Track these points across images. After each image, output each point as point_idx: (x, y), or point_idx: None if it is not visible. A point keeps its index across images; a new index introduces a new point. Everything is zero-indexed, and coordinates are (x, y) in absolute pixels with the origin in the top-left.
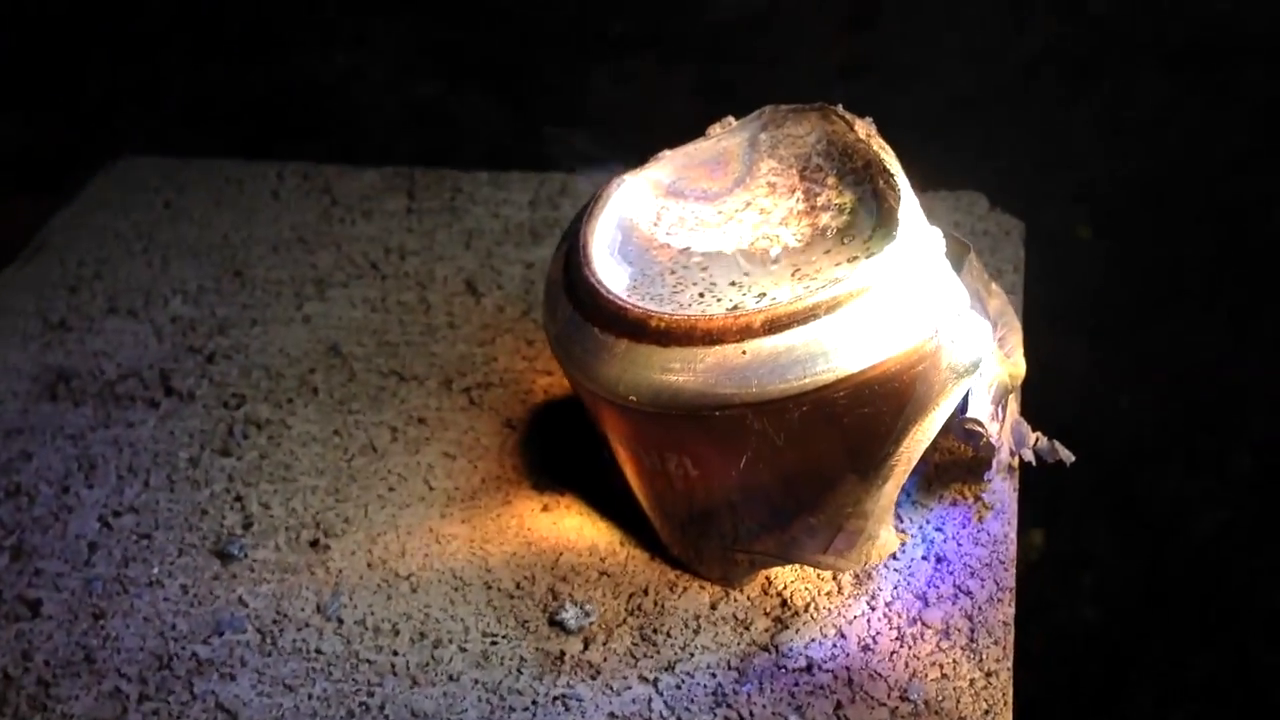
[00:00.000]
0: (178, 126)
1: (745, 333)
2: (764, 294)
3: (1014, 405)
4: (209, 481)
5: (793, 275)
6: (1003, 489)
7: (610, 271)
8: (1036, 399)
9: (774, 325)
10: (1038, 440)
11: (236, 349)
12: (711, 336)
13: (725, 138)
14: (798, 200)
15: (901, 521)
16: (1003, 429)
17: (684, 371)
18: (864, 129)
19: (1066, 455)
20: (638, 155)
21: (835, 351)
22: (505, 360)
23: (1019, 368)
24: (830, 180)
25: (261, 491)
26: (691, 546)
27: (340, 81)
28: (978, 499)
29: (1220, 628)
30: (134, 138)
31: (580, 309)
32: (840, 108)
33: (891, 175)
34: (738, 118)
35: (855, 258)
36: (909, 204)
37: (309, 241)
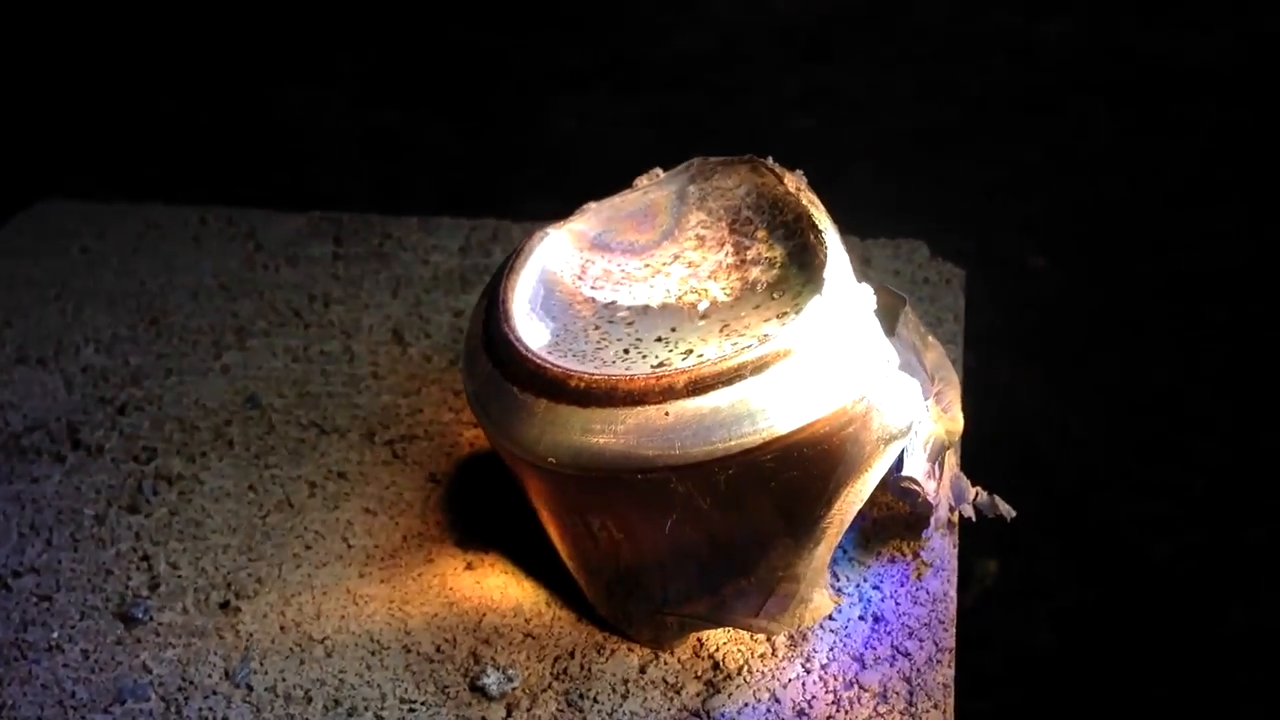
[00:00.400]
0: (101, 170)
1: (668, 393)
2: (690, 350)
3: (952, 460)
4: (115, 540)
5: (721, 331)
6: (942, 546)
7: (531, 328)
8: (988, 429)
9: (698, 386)
10: (977, 495)
11: (149, 400)
12: (634, 397)
13: (653, 190)
14: (727, 254)
15: (837, 579)
16: (940, 485)
17: (605, 433)
18: (794, 182)
19: (1007, 510)
20: (594, 189)
21: (762, 413)
22: (431, 412)
23: (956, 423)
24: (760, 234)
25: (170, 550)
26: (619, 608)
27: (289, 117)
28: (916, 556)
29: (1176, 653)
30: (55, 181)
31: (499, 366)
32: (770, 160)
33: (820, 230)
34: (666, 169)
35: (785, 314)
36: (837, 260)
37: (230, 289)
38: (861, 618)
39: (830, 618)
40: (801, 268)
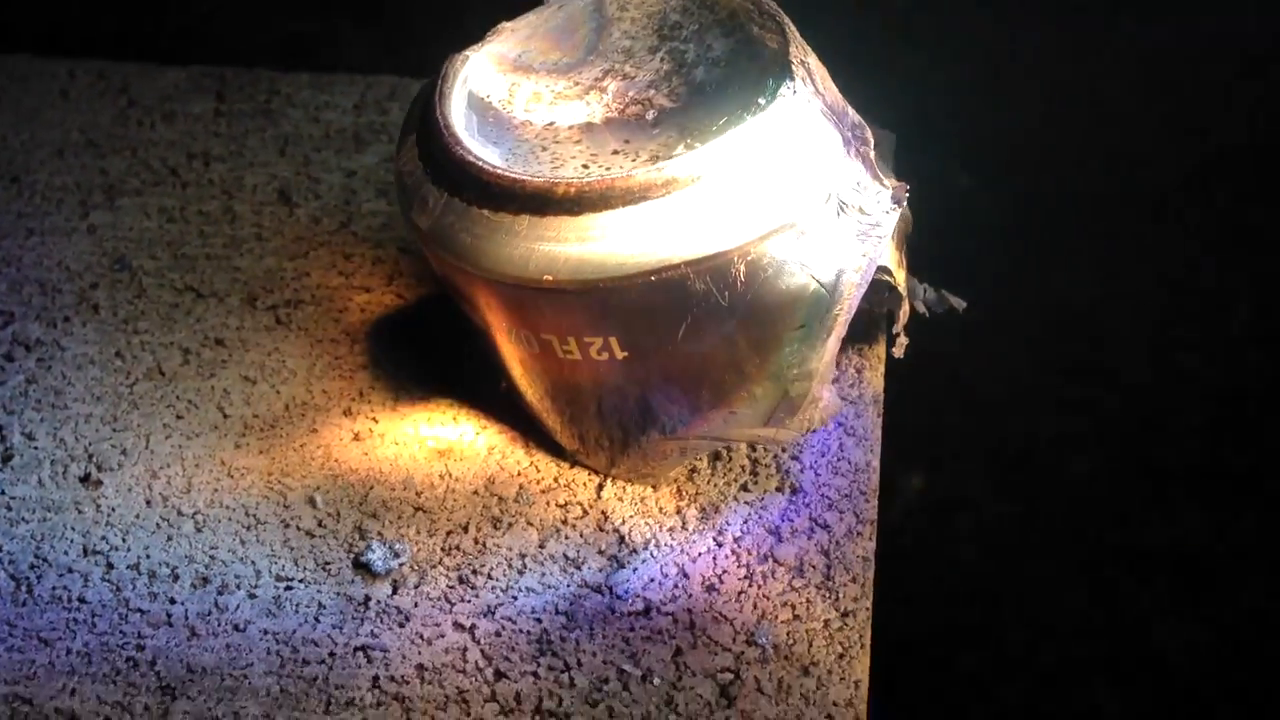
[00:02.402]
0: None
1: (670, 185)
2: (656, 157)
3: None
4: None
5: (681, 134)
6: (866, 415)
7: (481, 152)
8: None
9: (702, 175)
10: (925, 291)
11: (7, 261)
12: (633, 194)
13: (566, 4)
14: (662, 60)
15: (754, 449)
16: (904, 277)
17: (607, 238)
18: None
19: (958, 303)
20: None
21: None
22: (318, 276)
23: (908, 215)
24: (694, 35)
25: (25, 420)
26: (604, 446)
27: None
28: (839, 425)
29: (1091, 567)
30: None
31: (459, 194)
32: None
33: (771, 15)
34: None
35: (755, 103)
36: (797, 39)
37: (100, 145)
38: (779, 489)
39: (745, 489)
40: (752, 59)
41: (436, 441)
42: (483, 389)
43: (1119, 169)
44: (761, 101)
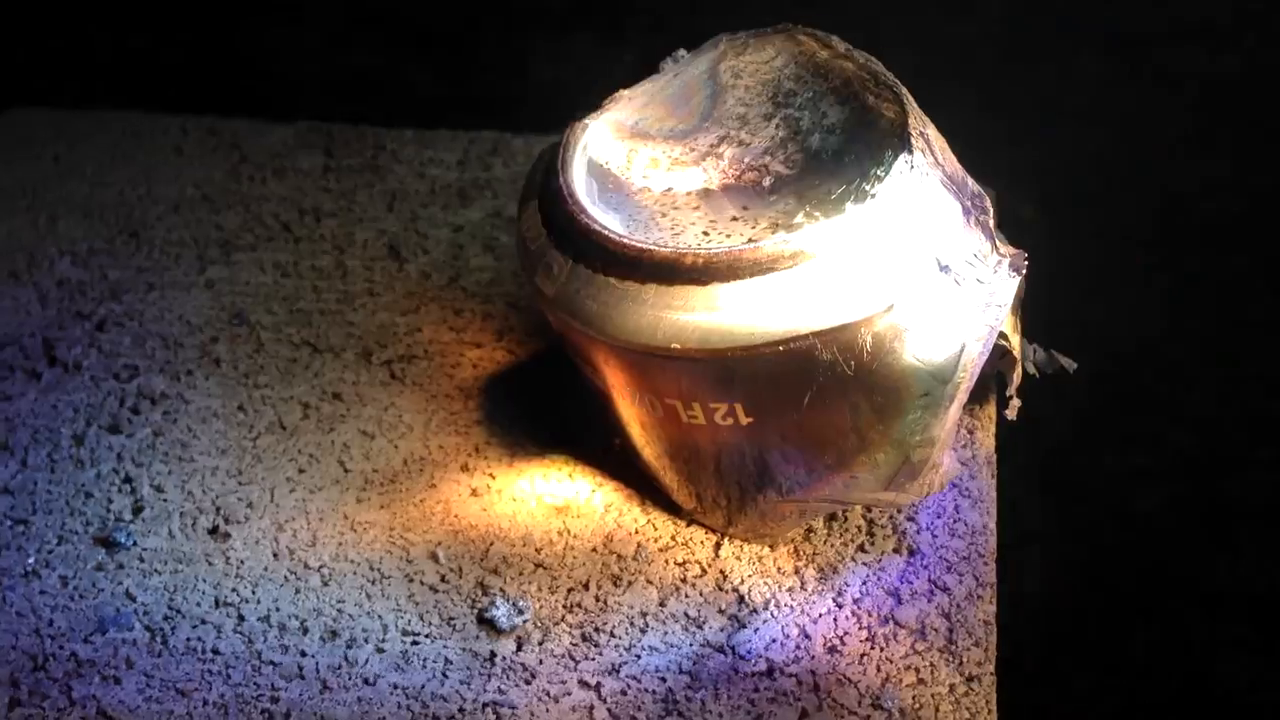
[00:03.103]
0: (70, 78)
1: (798, 257)
2: (776, 225)
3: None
4: (95, 461)
5: (800, 201)
6: (980, 477)
7: (603, 218)
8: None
9: (829, 247)
10: (1035, 352)
11: (130, 315)
12: (761, 266)
13: (682, 71)
14: (777, 127)
15: (869, 511)
16: (1019, 340)
17: (734, 309)
18: (841, 44)
19: (1068, 363)
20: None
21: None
22: (430, 331)
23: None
24: (808, 103)
25: (154, 472)
26: (721, 505)
27: (264, 44)
28: (954, 486)
29: (1159, 605)
30: (22, 88)
31: (584, 260)
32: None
33: (888, 85)
34: (688, 49)
35: (875, 174)
36: (915, 109)
37: (214, 200)
38: (896, 551)
39: (863, 549)
40: (868, 127)
41: (553, 498)
42: (596, 446)
43: (1186, 201)
44: (881, 173)
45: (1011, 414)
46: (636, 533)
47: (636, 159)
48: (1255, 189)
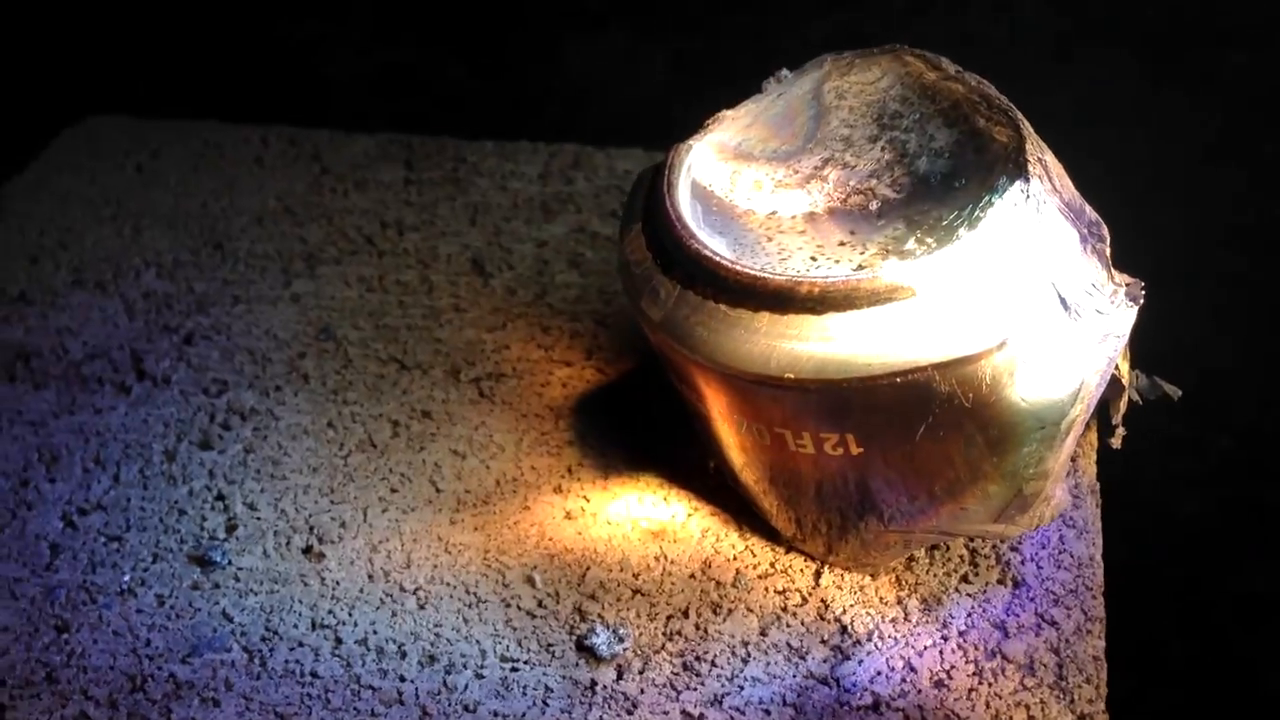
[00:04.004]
0: (146, 86)
1: (915, 288)
2: (886, 251)
3: None
4: (187, 477)
5: (910, 227)
6: (1085, 506)
7: (710, 243)
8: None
9: (946, 277)
10: (1138, 378)
11: (217, 329)
12: (878, 296)
13: (785, 92)
14: (883, 150)
15: (971, 540)
16: (1128, 368)
17: (849, 339)
18: (950, 66)
19: (1172, 390)
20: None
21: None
22: (518, 349)
23: None
24: (915, 125)
25: (247, 490)
26: (821, 532)
27: (309, 45)
28: (1059, 517)
29: (1200, 612)
30: (97, 97)
31: (694, 287)
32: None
33: (1003, 109)
34: (791, 68)
35: (989, 200)
36: (1032, 135)
37: (297, 213)
38: (1000, 582)
39: (966, 580)
40: (978, 151)
41: (649, 522)
42: (691, 469)
43: (1230, 202)
44: (997, 199)
45: (1117, 442)
46: (735, 559)
47: (740, 181)
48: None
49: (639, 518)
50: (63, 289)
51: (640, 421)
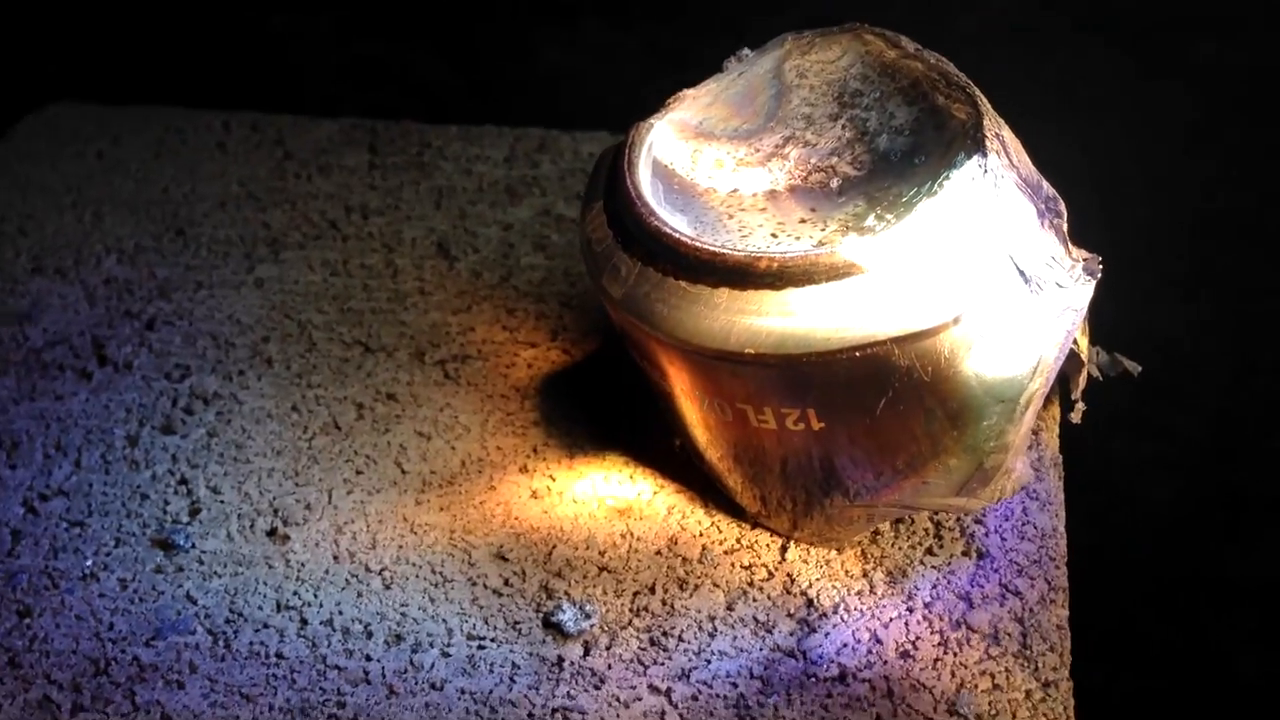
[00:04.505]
0: (108, 71)
1: (874, 262)
2: (846, 228)
3: None
4: (150, 462)
5: (869, 203)
6: (1047, 479)
7: (671, 220)
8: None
9: (904, 250)
10: (1098, 354)
11: (179, 314)
12: (837, 270)
13: (746, 71)
14: (844, 128)
15: (936, 513)
16: (1086, 343)
17: (810, 313)
18: (910, 44)
19: (1132, 366)
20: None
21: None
22: (483, 331)
23: None
24: (875, 103)
25: (210, 474)
26: (786, 508)
27: (273, 30)
28: (1022, 489)
29: (1171, 596)
30: (58, 84)
31: (653, 263)
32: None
33: (961, 86)
34: (752, 48)
35: (947, 176)
36: (990, 111)
37: (260, 198)
38: (965, 554)
39: (931, 553)
40: (938, 128)
41: (615, 500)
42: (656, 447)
43: (1200, 188)
44: (954, 174)
45: (1076, 417)
46: (701, 535)
47: (701, 159)
48: (1266, 180)
49: (605, 496)
50: (22, 276)
51: (605, 401)
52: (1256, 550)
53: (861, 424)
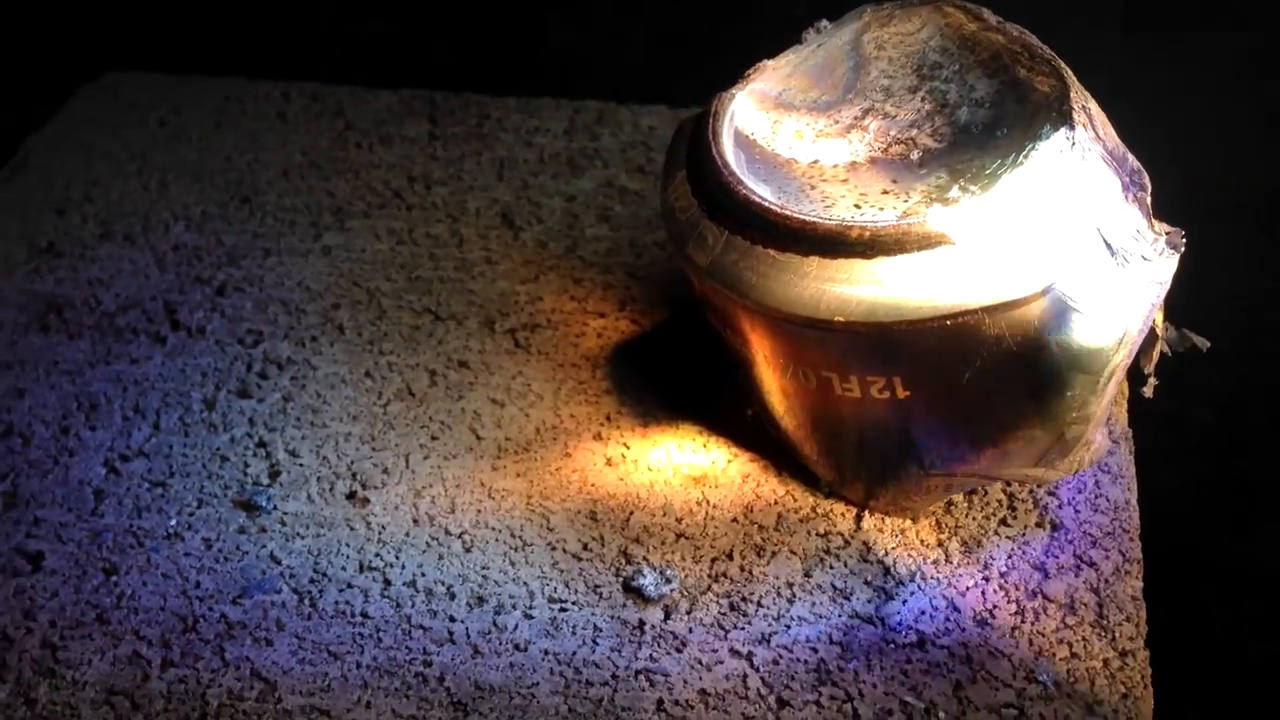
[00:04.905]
0: (163, 41)
1: (964, 233)
2: (929, 199)
3: None
4: (228, 425)
5: (952, 175)
6: (1119, 452)
7: (757, 190)
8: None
9: (994, 221)
10: (1168, 330)
11: (249, 281)
12: (929, 240)
13: (825, 43)
14: (923, 101)
15: (1009, 485)
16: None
17: (899, 283)
18: (992, 17)
19: (1201, 342)
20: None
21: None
22: (552, 300)
23: None
24: (955, 76)
25: (288, 438)
26: (861, 478)
27: (326, 2)
28: (1097, 461)
29: (1178, 583)
30: (115, 53)
31: (742, 232)
32: None
33: (1045, 59)
34: (831, 19)
35: (1033, 148)
36: (1076, 84)
37: (323, 167)
38: (1039, 525)
39: (1005, 524)
40: (1019, 101)
41: (690, 468)
42: (729, 416)
43: (1210, 176)
44: (1040, 146)
45: (1149, 392)
46: (776, 503)
47: (781, 130)
48: (1274, 165)
49: (679, 464)
50: (91, 241)
51: (676, 371)
52: None
53: (947, 394)
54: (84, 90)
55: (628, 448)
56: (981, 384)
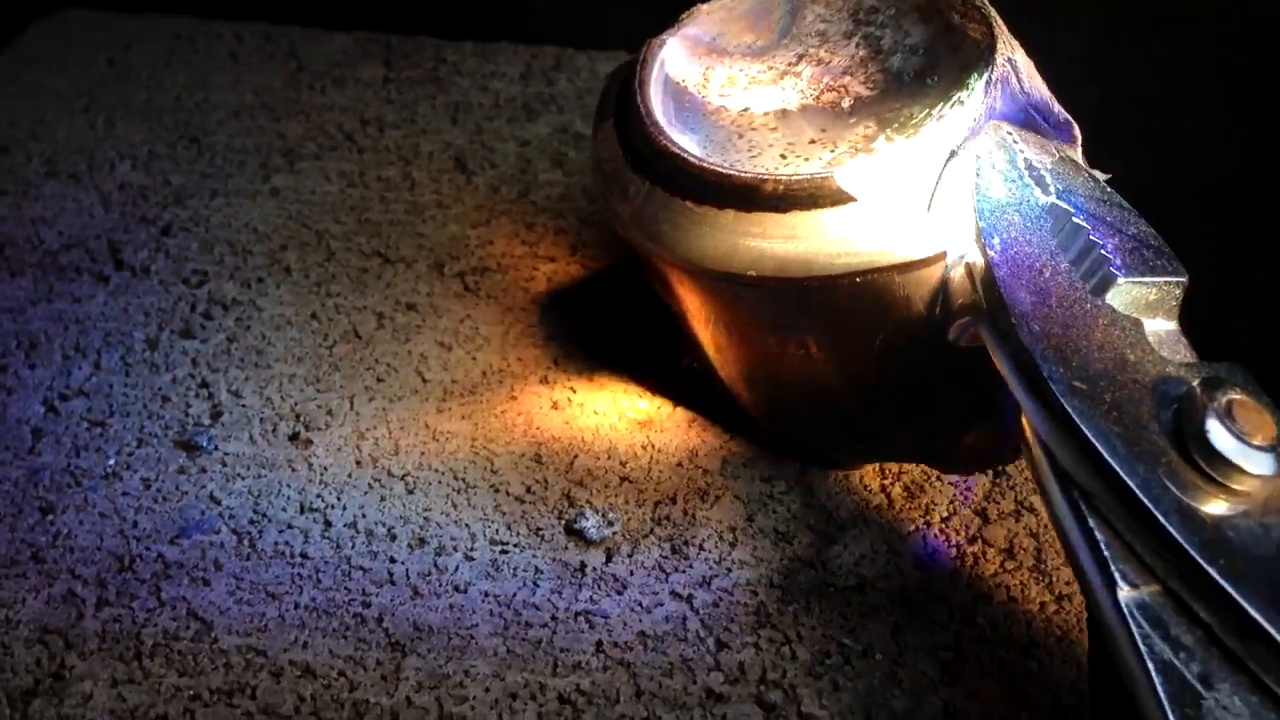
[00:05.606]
0: None
1: (879, 186)
2: (855, 149)
3: None
4: (170, 365)
5: (880, 125)
6: None
7: (681, 140)
8: None
9: (911, 174)
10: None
11: (196, 221)
12: (842, 195)
13: None
14: (857, 47)
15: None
16: None
17: (812, 237)
18: None
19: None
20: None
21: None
22: (502, 244)
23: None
24: (890, 21)
25: (231, 378)
26: (793, 436)
27: None
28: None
29: None
30: None
31: (662, 183)
32: None
33: (976, 6)
34: None
35: (954, 95)
36: (1004, 33)
37: (274, 109)
38: (981, 472)
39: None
40: (951, 49)
41: (636, 413)
42: (674, 363)
43: (1180, 152)
44: (964, 96)
45: None
46: (721, 448)
47: (713, 77)
48: (1248, 142)
49: (625, 408)
50: (35, 180)
51: (625, 317)
52: None
53: (861, 358)
54: (34, 27)
55: (574, 391)
56: (896, 352)
